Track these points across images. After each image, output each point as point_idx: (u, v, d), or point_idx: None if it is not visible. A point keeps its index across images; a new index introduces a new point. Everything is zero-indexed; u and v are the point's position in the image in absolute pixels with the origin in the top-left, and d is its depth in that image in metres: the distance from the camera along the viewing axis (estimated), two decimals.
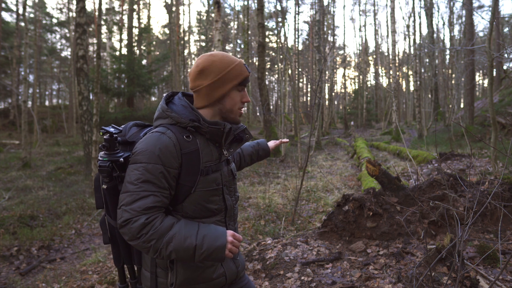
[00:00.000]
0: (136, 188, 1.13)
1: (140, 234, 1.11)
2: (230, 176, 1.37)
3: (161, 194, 1.16)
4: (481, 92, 37.63)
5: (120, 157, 1.20)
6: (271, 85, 43.58)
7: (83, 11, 9.35)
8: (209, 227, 1.20)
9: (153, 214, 1.14)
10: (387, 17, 29.75)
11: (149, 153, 1.15)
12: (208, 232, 1.17)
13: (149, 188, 1.13)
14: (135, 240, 1.12)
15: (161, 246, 1.12)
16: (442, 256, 2.44)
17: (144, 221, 1.11)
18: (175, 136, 1.19)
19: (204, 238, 1.15)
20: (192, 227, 1.17)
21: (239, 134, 1.38)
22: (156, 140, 1.17)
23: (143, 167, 1.14)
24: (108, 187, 1.20)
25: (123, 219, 1.12)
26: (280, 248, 3.42)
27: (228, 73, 1.25)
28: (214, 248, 1.14)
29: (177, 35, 19.69)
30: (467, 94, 13.37)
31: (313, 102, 5.15)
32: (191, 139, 1.22)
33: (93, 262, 4.04)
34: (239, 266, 1.39)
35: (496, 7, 5.92)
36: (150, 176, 1.14)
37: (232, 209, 1.37)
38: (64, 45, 35.25)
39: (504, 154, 2.02)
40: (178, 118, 1.22)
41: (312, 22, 28.08)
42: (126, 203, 1.13)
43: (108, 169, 1.17)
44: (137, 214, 1.11)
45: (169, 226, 1.14)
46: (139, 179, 1.13)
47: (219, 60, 1.25)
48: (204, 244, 1.14)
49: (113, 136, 1.21)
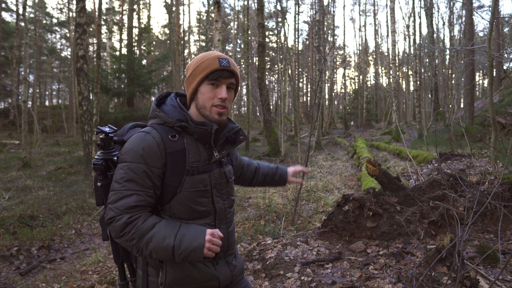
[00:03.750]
0: (120, 187, 1.15)
1: (122, 232, 1.13)
2: (223, 179, 1.32)
3: (144, 193, 1.16)
4: (481, 92, 37.63)
5: (114, 156, 1.22)
6: (271, 85, 43.58)
7: (83, 11, 9.35)
8: (189, 227, 1.18)
9: (136, 213, 1.15)
10: (387, 17, 29.76)
11: (133, 152, 1.16)
12: (187, 232, 1.16)
13: (132, 187, 1.15)
14: (118, 238, 1.14)
15: (142, 245, 1.13)
16: (442, 256, 2.44)
17: (126, 220, 1.12)
18: (160, 135, 1.20)
19: (182, 238, 1.14)
20: (172, 227, 1.17)
21: (232, 136, 1.34)
22: (140, 139, 1.18)
23: (127, 166, 1.16)
24: (102, 184, 1.22)
25: (108, 217, 1.14)
26: (280, 248, 3.42)
27: (198, 67, 1.24)
28: (192, 248, 1.13)
29: (177, 35, 19.69)
30: (467, 94, 13.36)
31: (313, 102, 5.14)
32: (177, 138, 1.22)
33: (93, 262, 4.04)
34: (234, 270, 1.36)
35: (496, 7, 5.92)
36: (134, 175, 1.15)
37: (224, 212, 1.32)
38: (64, 45, 35.30)
39: (504, 154, 2.02)
40: (165, 118, 1.24)
41: (312, 22, 28.08)
42: (112, 201, 1.15)
43: (101, 167, 1.20)
44: (120, 213, 1.13)
45: (151, 226, 1.15)
46: (123, 178, 1.15)
47: (199, 56, 1.27)
48: (182, 245, 1.13)
49: (108, 136, 1.22)
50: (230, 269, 1.35)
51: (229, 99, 1.27)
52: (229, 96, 1.26)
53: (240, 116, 36.97)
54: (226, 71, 1.24)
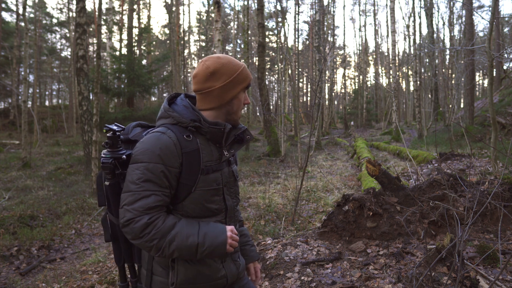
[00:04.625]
0: (138, 187, 1.15)
1: (142, 233, 1.12)
2: (231, 177, 1.37)
3: (162, 193, 1.17)
4: (481, 92, 37.62)
5: (123, 154, 1.22)
6: (271, 85, 43.57)
7: (83, 11, 9.35)
8: (209, 225, 1.23)
9: (155, 214, 1.15)
10: (387, 17, 29.75)
11: (150, 153, 1.16)
12: (209, 230, 1.21)
13: (150, 188, 1.15)
14: (137, 240, 1.14)
15: (163, 245, 1.14)
16: (442, 256, 2.44)
17: (147, 221, 1.13)
18: (176, 135, 1.21)
19: (205, 236, 1.18)
20: (193, 225, 1.20)
21: (240, 135, 1.39)
22: (156, 139, 1.18)
23: (144, 167, 1.16)
24: (111, 184, 1.21)
25: (125, 219, 1.13)
26: (280, 248, 3.42)
27: (238, 75, 1.29)
28: (216, 245, 1.18)
29: (177, 35, 19.70)
30: (467, 94, 13.36)
31: (313, 102, 5.15)
32: (192, 138, 1.24)
33: (93, 262, 4.04)
34: (239, 267, 1.40)
35: (496, 7, 5.92)
36: (151, 175, 1.15)
37: (233, 210, 1.38)
38: (64, 45, 35.30)
39: (504, 154, 2.03)
40: (179, 118, 1.24)
41: (312, 22, 28.09)
42: (128, 202, 1.14)
43: (111, 166, 1.19)
44: (140, 214, 1.13)
45: (172, 225, 1.16)
46: (140, 178, 1.15)
47: (228, 62, 1.29)
48: (206, 242, 1.17)
49: (116, 134, 1.22)
50: (236, 266, 1.38)
51: None
52: None
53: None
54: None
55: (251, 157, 12.35)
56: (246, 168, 10.16)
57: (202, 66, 1.28)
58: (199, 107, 1.32)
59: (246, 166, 10.57)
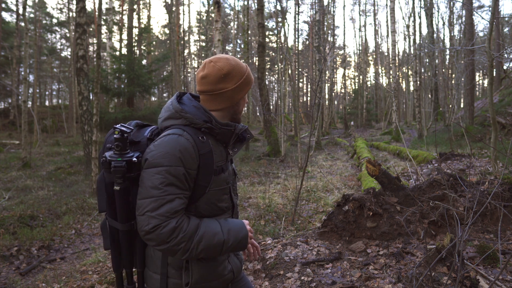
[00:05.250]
0: (161, 192, 1.12)
1: (170, 238, 1.11)
2: (233, 175, 1.42)
3: (184, 196, 1.18)
4: (481, 92, 37.63)
5: (132, 157, 1.18)
6: (271, 85, 43.57)
7: (83, 11, 9.35)
8: (228, 221, 1.28)
9: (181, 217, 1.15)
10: (387, 17, 29.74)
11: (170, 156, 1.14)
12: (231, 226, 1.26)
13: (173, 191, 1.14)
14: (163, 245, 1.12)
15: (191, 246, 1.15)
16: (442, 256, 2.44)
17: (175, 225, 1.12)
18: (192, 137, 1.20)
19: (229, 232, 1.23)
20: (215, 224, 1.23)
21: (242, 134, 1.41)
22: (175, 142, 1.16)
23: (165, 171, 1.13)
24: (121, 188, 1.16)
25: (151, 226, 1.10)
26: (280, 248, 3.42)
27: (245, 79, 1.32)
28: (240, 239, 1.25)
29: (177, 35, 19.70)
30: (467, 94, 13.36)
31: (313, 102, 5.15)
32: (205, 140, 1.24)
33: (93, 262, 4.04)
34: (242, 261, 1.46)
35: (496, 7, 5.92)
36: (173, 179, 1.14)
37: (236, 206, 1.43)
38: (64, 45, 35.29)
39: (504, 154, 2.03)
40: (192, 119, 1.23)
41: (312, 22, 28.09)
42: (152, 209, 1.11)
43: (124, 169, 1.14)
44: (166, 219, 1.11)
45: (196, 227, 1.18)
46: (162, 183, 1.12)
47: (237, 64, 1.31)
48: (231, 238, 1.23)
49: (125, 136, 1.18)
50: (239, 260, 1.43)
51: None
52: None
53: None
54: None
55: (251, 157, 12.35)
56: (246, 168, 10.15)
57: (213, 67, 1.26)
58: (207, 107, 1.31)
59: (246, 166, 10.56)
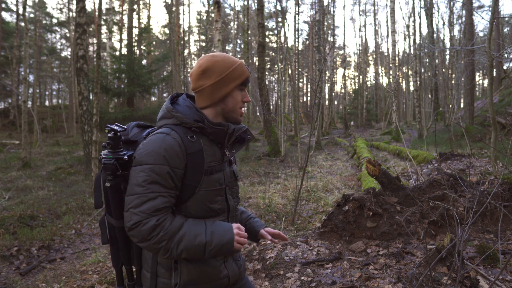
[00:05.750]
0: (144, 190, 1.14)
1: (150, 236, 1.12)
2: (233, 177, 1.38)
3: (168, 195, 1.17)
4: (481, 92, 37.63)
5: (124, 155, 1.21)
6: (271, 85, 43.57)
7: (83, 11, 9.35)
8: (216, 223, 1.23)
9: (163, 215, 1.15)
10: (387, 17, 29.74)
11: (155, 154, 1.16)
12: (216, 228, 1.21)
13: (156, 189, 1.15)
14: (145, 242, 1.13)
15: (172, 246, 1.14)
16: (442, 256, 2.44)
17: (155, 223, 1.12)
18: (180, 136, 1.20)
19: (212, 234, 1.18)
20: (200, 225, 1.20)
21: (241, 135, 1.38)
22: (161, 141, 1.18)
23: (149, 169, 1.15)
24: (112, 185, 1.20)
25: (132, 222, 1.12)
26: (280, 248, 3.42)
27: (231, 73, 1.27)
28: (223, 243, 1.19)
29: (177, 35, 19.69)
30: (467, 94, 13.36)
31: (313, 102, 5.14)
32: (195, 139, 1.23)
33: (93, 262, 4.04)
34: (241, 267, 1.41)
35: (496, 7, 5.92)
36: (157, 177, 1.15)
37: (234, 210, 1.38)
38: (64, 45, 35.28)
39: (504, 154, 2.03)
40: (182, 119, 1.24)
41: (312, 22, 28.08)
42: (135, 205, 1.13)
43: (113, 166, 1.18)
44: (147, 216, 1.12)
45: (179, 226, 1.17)
46: (146, 180, 1.14)
47: (221, 60, 1.27)
48: (214, 240, 1.18)
49: (118, 135, 1.22)
50: (238, 266, 1.38)
51: None
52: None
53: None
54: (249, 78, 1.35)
55: (251, 157, 12.35)
56: (246, 168, 10.15)
57: (196, 64, 1.30)
58: (197, 106, 1.32)
59: (246, 166, 10.57)
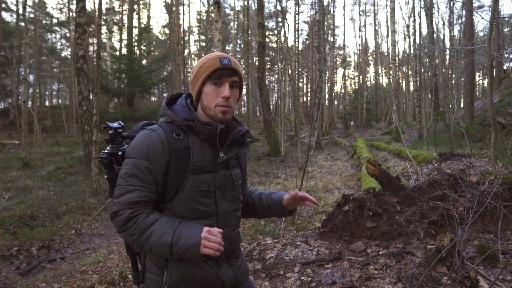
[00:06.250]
0: (124, 182, 1.18)
1: (125, 227, 1.16)
2: (229, 181, 1.31)
3: (146, 190, 1.19)
4: (481, 92, 37.61)
5: (119, 150, 1.27)
6: (271, 85, 43.56)
7: (83, 11, 9.34)
8: (188, 224, 1.18)
9: (138, 209, 1.17)
10: (387, 17, 29.72)
11: (138, 149, 1.20)
12: (185, 229, 1.16)
13: (135, 183, 1.18)
14: (121, 233, 1.18)
15: (142, 241, 1.16)
16: (442, 256, 2.44)
17: (128, 215, 1.15)
18: (165, 133, 1.22)
19: (180, 235, 1.14)
20: (172, 224, 1.17)
21: (239, 137, 1.33)
22: (145, 137, 1.22)
23: (131, 162, 1.19)
24: (108, 177, 1.29)
25: (111, 211, 1.18)
26: (280, 248, 3.42)
27: (200, 68, 1.25)
28: (188, 245, 1.13)
29: (177, 35, 19.69)
30: (467, 94, 13.36)
31: (313, 102, 5.15)
32: (182, 137, 1.24)
33: (93, 262, 4.04)
34: (238, 271, 1.35)
35: (496, 7, 5.92)
36: (137, 171, 1.18)
37: (227, 215, 1.30)
38: (64, 45, 35.29)
39: (504, 154, 2.03)
40: (173, 117, 1.26)
41: (312, 22, 28.08)
42: (116, 196, 1.19)
43: (107, 161, 1.26)
44: (123, 208, 1.16)
45: (152, 222, 1.17)
46: (127, 173, 1.19)
47: (202, 58, 1.29)
48: (180, 241, 1.13)
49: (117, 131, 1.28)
50: (234, 271, 1.34)
51: (233, 97, 1.26)
52: (233, 95, 1.26)
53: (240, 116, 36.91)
54: (228, 70, 1.23)
55: (251, 157, 12.35)
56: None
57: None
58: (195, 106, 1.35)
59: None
